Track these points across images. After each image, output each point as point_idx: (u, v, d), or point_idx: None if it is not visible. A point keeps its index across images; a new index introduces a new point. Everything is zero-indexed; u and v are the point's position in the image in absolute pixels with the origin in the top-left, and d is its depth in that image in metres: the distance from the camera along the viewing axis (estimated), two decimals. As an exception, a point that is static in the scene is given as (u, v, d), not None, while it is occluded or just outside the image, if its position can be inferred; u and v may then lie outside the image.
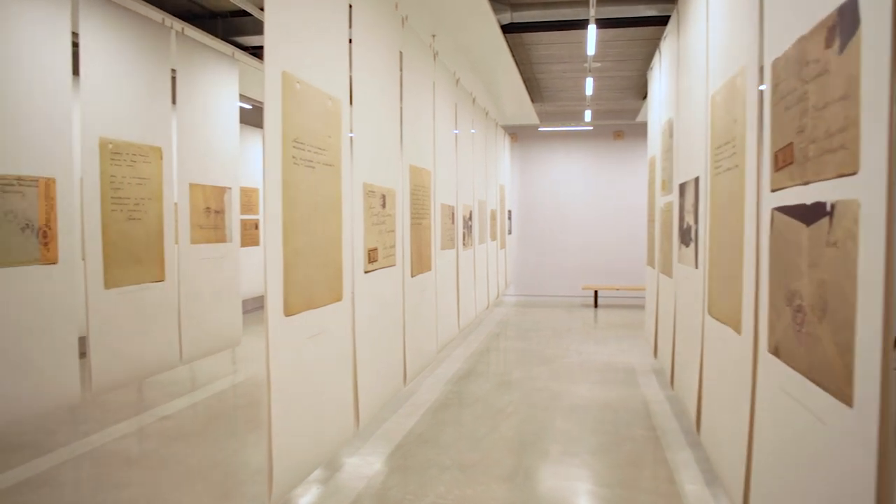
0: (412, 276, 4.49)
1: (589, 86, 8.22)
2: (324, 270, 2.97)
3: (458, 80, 6.35)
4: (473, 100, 7.37)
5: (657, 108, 5.66)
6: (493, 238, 9.08)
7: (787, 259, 1.93)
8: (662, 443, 4.00)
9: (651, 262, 5.92)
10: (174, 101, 4.86)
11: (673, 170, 4.53)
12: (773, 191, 2.08)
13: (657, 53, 5.60)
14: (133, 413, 4.68)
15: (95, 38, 4.11)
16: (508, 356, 6.82)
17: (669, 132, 4.74)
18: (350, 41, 3.41)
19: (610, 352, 6.86)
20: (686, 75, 4.08)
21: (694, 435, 3.99)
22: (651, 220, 5.93)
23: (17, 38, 3.52)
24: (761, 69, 2.33)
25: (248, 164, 9.00)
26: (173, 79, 4.85)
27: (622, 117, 10.93)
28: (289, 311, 2.62)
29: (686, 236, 3.91)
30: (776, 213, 2.04)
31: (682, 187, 4.06)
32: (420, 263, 4.72)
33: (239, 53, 5.77)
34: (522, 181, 11.74)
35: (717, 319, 2.95)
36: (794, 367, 1.87)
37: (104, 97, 4.17)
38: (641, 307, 10.14)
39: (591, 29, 5.56)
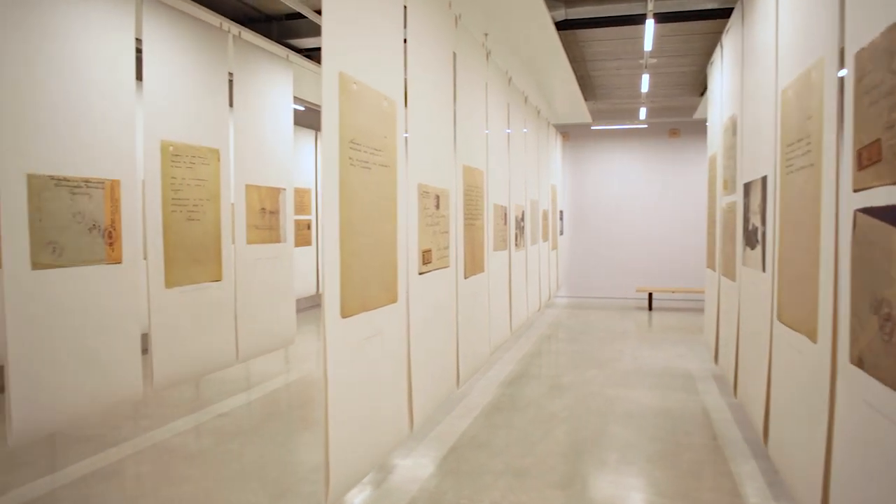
0: (465, 278, 4.45)
1: (645, 82, 8.02)
2: (379, 272, 2.95)
3: (510, 79, 6.28)
4: (525, 99, 7.28)
5: (718, 105, 5.46)
6: (545, 239, 8.96)
7: (873, 264, 1.81)
8: (725, 453, 3.85)
9: (711, 265, 5.72)
10: (231, 104, 4.94)
11: (736, 168, 4.36)
12: (855, 191, 1.95)
13: (718, 47, 5.41)
14: (191, 410, 4.78)
15: (157, 44, 4.21)
16: (561, 359, 6.71)
17: (732, 129, 4.56)
18: (405, 41, 3.39)
19: (666, 356, 6.68)
20: (752, 69, 3.91)
21: (759, 445, 3.82)
22: (711, 221, 5.73)
23: (85, 47, 3.63)
24: (841, 61, 2.20)
25: (298, 164, 9.12)
26: (230, 81, 4.94)
27: (678, 114, 10.64)
28: (345, 313, 2.61)
29: (752, 238, 3.75)
30: (860, 214, 1.91)
31: (748, 187, 3.90)
32: (473, 265, 4.68)
33: (293, 56, 5.83)
34: (574, 181, 11.57)
35: (789, 326, 2.80)
36: (880, 380, 1.75)
37: (165, 101, 4.27)
38: (697, 310, 9.86)
39: (649, 24, 5.41)
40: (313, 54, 6.39)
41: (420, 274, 3.54)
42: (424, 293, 3.60)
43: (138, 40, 4.14)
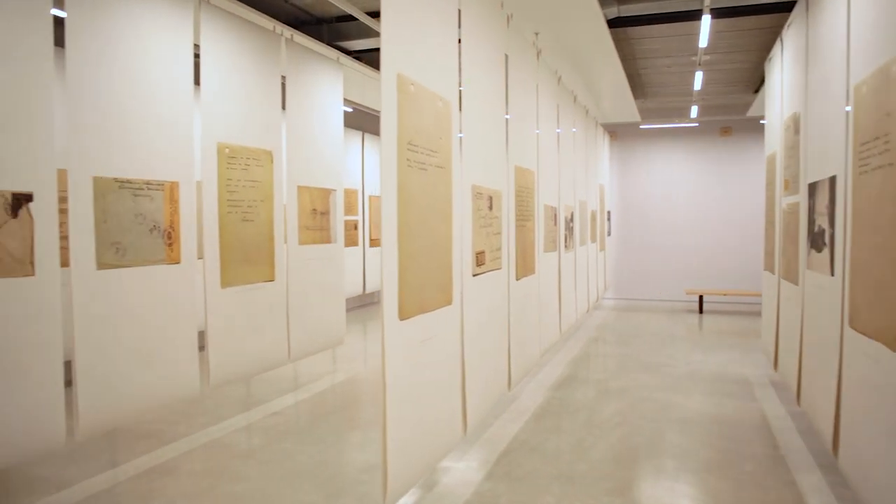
0: (517, 280, 4.41)
1: (697, 80, 7.83)
2: (435, 274, 2.93)
3: (559, 79, 6.21)
4: (574, 98, 7.19)
5: (777, 102, 5.28)
6: (593, 240, 8.83)
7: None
8: (788, 463, 3.71)
9: (770, 267, 5.54)
10: (283, 106, 5.00)
11: (799, 168, 4.20)
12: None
13: (778, 43, 5.23)
14: (244, 408, 4.86)
15: (214, 47, 4.28)
16: (610, 362, 6.59)
17: (795, 127, 4.40)
18: (459, 41, 3.37)
19: (720, 361, 6.50)
20: (818, 65, 3.76)
21: (826, 456, 3.68)
22: (770, 222, 5.55)
23: (148, 52, 3.72)
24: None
25: (345, 165, 9.20)
26: (282, 84, 5.00)
27: (730, 112, 10.36)
28: (403, 315, 2.60)
29: (818, 241, 3.61)
30: (952, 217, 1.80)
31: (813, 187, 3.75)
32: (524, 266, 4.63)
33: (343, 58, 5.88)
34: (622, 180, 11.38)
35: (863, 334, 2.68)
36: (977, 393, 1.64)
37: (222, 104, 4.34)
38: (751, 314, 9.58)
39: (705, 19, 5.27)
40: (363, 56, 6.43)
41: (474, 276, 3.51)
42: (478, 295, 3.57)
43: (195, 45, 4.23)
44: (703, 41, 5.88)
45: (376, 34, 5.63)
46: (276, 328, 4.83)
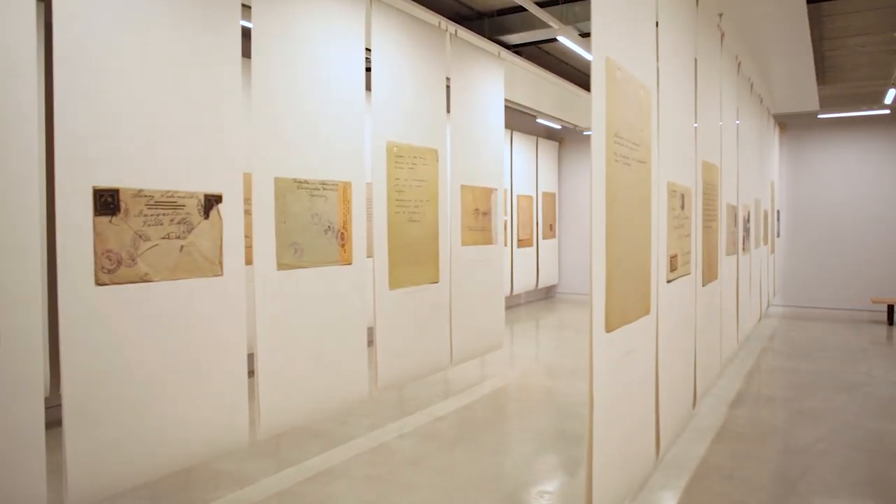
0: (703, 286, 3.99)
1: (899, 60, 6.86)
2: (637, 281, 2.64)
3: (739, 65, 5.64)
4: (751, 86, 6.53)
5: None
6: (765, 241, 8.05)
7: None
8: None
9: None
10: (448, 102, 4.89)
11: None
12: None
13: None
14: (407, 411, 4.80)
15: (384, 46, 4.23)
16: (794, 379, 5.90)
17: None
18: (657, 24, 3.04)
19: (932, 383, 5.60)
20: None
21: None
22: None
23: (326, 54, 3.72)
24: None
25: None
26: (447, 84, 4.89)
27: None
28: (609, 327, 2.34)
29: None
30: None
31: None
32: (709, 271, 4.19)
33: (504, 52, 5.69)
34: (793, 177, 10.32)
35: None
36: None
37: (391, 102, 4.29)
38: (957, 327, 8.30)
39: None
40: (522, 50, 6.21)
41: (668, 282, 3.17)
42: (671, 303, 3.22)
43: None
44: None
45: (542, 25, 5.37)
46: (439, 331, 4.73)
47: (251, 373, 3.35)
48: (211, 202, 3.18)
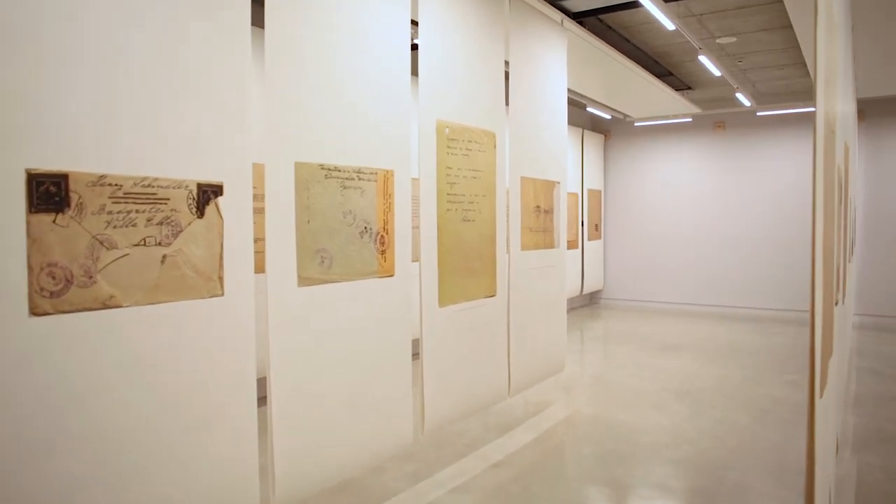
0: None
1: None
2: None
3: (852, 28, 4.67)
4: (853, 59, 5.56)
5: None
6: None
7: None
8: None
9: None
10: (506, 78, 4.01)
11: None
12: None
13: None
14: (458, 453, 3.90)
15: (432, 7, 3.35)
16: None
17: None
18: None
19: None
20: None
21: None
22: None
23: (358, 14, 2.86)
24: None
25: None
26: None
27: None
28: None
29: None
30: None
31: None
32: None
33: (567, 21, 4.79)
34: (871, 172, 9.26)
35: None
36: None
37: (441, 75, 3.41)
38: None
39: None
40: (584, 19, 5.29)
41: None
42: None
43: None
44: None
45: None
46: (496, 356, 3.85)
47: (263, 425, 2.49)
48: (207, 194, 2.30)
